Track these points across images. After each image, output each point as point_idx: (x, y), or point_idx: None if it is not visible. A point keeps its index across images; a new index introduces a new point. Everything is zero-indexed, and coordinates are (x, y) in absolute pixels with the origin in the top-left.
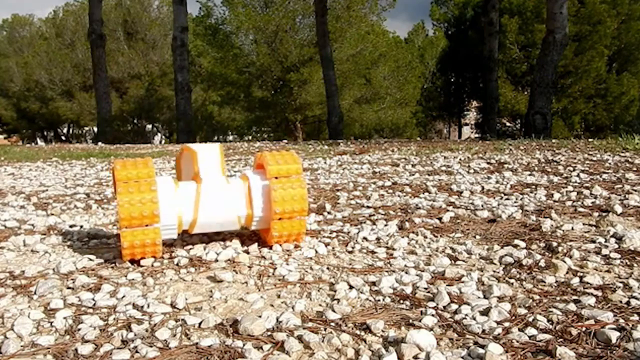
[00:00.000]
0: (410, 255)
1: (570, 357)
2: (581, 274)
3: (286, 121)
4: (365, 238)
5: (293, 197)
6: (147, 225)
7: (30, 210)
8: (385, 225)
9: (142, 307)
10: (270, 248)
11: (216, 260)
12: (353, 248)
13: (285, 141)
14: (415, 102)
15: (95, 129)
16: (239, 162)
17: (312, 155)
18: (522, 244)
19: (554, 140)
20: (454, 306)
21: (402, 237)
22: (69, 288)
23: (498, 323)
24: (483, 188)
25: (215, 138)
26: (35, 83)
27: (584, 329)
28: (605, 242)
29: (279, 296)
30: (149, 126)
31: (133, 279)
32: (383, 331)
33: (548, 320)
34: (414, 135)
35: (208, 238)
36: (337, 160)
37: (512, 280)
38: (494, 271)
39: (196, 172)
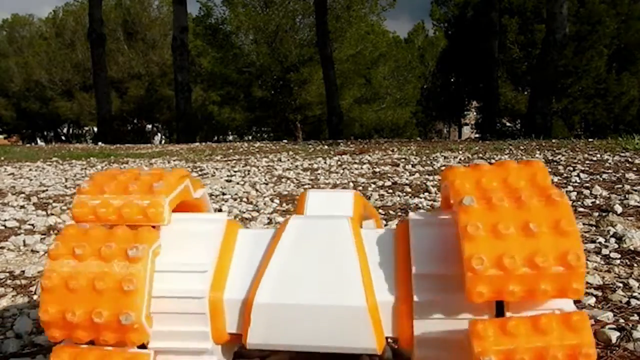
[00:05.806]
0: None
1: None
2: None
3: (286, 121)
4: None
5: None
6: None
7: (30, 210)
8: (386, 225)
9: None
10: None
11: None
12: None
13: (285, 141)
14: (415, 102)
15: (95, 129)
16: (239, 162)
17: (312, 155)
18: None
19: (554, 140)
20: None
21: None
22: None
23: None
24: None
25: (215, 138)
26: (35, 83)
27: None
28: (605, 242)
29: None
30: (149, 126)
31: None
32: None
33: None
34: (414, 135)
35: None
36: (337, 160)
37: None
38: None
39: None
